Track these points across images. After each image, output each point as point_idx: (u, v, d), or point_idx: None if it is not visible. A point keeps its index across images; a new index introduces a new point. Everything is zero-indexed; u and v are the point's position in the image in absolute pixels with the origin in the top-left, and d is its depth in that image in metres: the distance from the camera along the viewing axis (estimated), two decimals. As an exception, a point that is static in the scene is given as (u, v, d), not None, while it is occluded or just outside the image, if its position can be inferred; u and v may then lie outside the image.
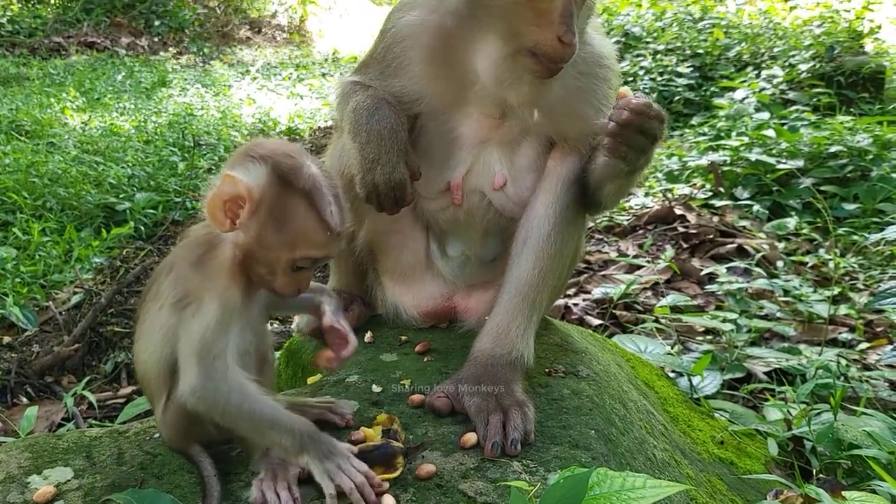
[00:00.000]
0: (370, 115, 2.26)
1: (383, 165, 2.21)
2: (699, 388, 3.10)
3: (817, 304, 4.16)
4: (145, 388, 1.87)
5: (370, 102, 2.28)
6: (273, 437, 1.68)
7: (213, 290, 1.69)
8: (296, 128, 9.71)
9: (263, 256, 1.72)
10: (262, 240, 1.69)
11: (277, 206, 1.67)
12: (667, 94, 9.60)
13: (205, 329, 1.66)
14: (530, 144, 2.37)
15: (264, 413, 1.67)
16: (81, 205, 6.11)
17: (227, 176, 1.65)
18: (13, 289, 4.64)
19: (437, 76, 2.31)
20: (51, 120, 8.67)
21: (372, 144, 2.23)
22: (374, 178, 2.22)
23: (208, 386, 1.65)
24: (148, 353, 1.77)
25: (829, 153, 6.32)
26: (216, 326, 1.66)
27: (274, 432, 1.68)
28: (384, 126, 2.24)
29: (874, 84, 9.07)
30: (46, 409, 3.59)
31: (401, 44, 2.35)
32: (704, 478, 2.29)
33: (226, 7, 16.90)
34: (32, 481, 1.79)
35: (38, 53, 13.43)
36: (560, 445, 1.90)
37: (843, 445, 2.53)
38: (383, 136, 2.23)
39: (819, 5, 11.70)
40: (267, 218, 1.67)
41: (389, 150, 2.22)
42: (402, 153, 2.24)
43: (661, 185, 6.65)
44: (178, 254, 1.80)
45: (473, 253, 2.51)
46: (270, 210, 1.67)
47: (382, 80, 2.39)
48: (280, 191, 1.67)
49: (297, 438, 1.67)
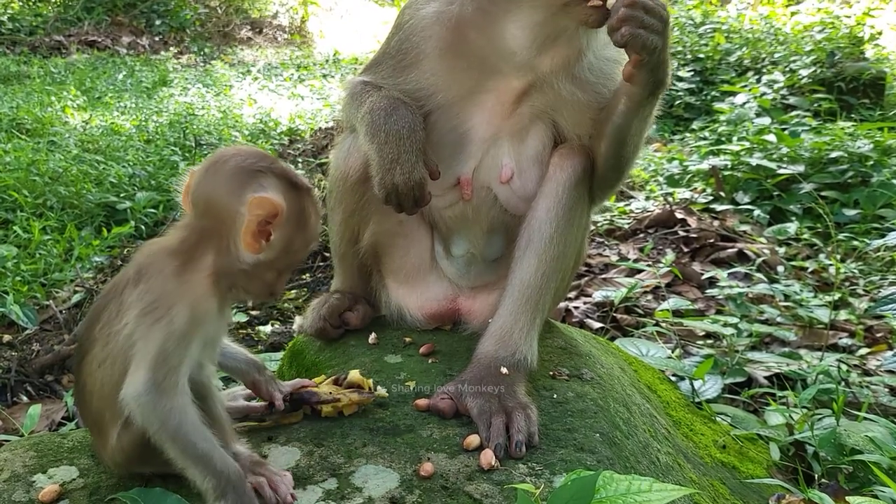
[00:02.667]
0: (388, 115, 2.26)
1: (402, 165, 2.22)
2: (700, 392, 3.10)
3: (818, 309, 4.16)
4: (99, 412, 1.69)
5: (387, 103, 2.29)
6: (196, 472, 1.57)
7: (187, 299, 1.61)
8: (297, 128, 9.71)
9: (281, 263, 1.70)
10: (287, 247, 1.68)
11: (298, 211, 1.67)
12: (668, 99, 9.60)
13: (167, 337, 1.57)
14: (537, 135, 2.39)
15: (196, 446, 1.57)
16: (82, 203, 6.11)
17: (255, 199, 1.60)
18: (13, 287, 4.64)
19: (454, 68, 2.32)
20: (51, 118, 8.66)
21: (391, 145, 2.23)
22: (393, 179, 2.23)
23: (152, 398, 1.55)
24: (114, 371, 1.63)
25: (829, 158, 6.33)
26: (179, 337, 1.58)
27: (199, 468, 1.57)
28: (402, 126, 2.24)
29: (875, 90, 9.09)
30: (47, 408, 3.58)
31: (418, 35, 2.35)
32: (707, 482, 2.29)
33: (227, 7, 16.91)
34: (37, 480, 1.79)
35: (39, 52, 13.43)
36: (565, 448, 1.90)
37: (845, 450, 2.53)
38: (402, 135, 2.23)
39: (820, 11, 11.74)
40: (293, 225, 1.67)
41: (409, 150, 2.23)
42: (421, 153, 2.25)
43: (662, 189, 6.65)
44: (148, 265, 1.66)
45: (478, 251, 2.52)
46: (294, 217, 1.66)
47: (395, 76, 2.39)
48: (294, 195, 1.67)
49: (220, 483, 1.57)
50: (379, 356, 2.39)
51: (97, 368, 1.66)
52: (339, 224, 2.60)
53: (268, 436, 1.95)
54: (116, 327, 1.63)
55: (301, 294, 5.10)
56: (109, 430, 1.68)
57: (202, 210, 1.68)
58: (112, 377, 1.63)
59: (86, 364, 1.69)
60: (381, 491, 1.73)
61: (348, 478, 1.78)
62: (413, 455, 1.86)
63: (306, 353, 2.64)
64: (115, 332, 1.63)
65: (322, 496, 1.72)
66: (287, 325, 4.56)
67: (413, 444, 1.91)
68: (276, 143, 8.99)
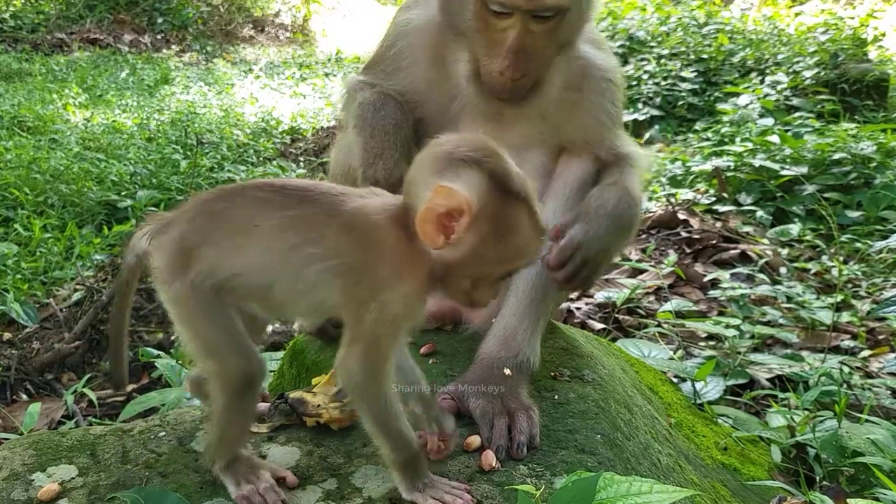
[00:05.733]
0: (376, 110, 2.29)
1: (385, 161, 2.23)
2: (702, 394, 3.09)
3: (820, 311, 4.16)
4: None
5: (376, 98, 2.31)
6: (387, 445, 1.63)
7: (403, 287, 1.52)
8: (298, 127, 9.71)
9: (472, 270, 1.54)
10: (478, 254, 1.50)
11: (498, 217, 1.48)
12: (670, 99, 9.60)
13: (380, 324, 1.52)
14: (537, 151, 2.37)
15: (392, 425, 1.62)
16: (83, 202, 6.11)
17: (440, 187, 1.43)
18: (14, 285, 4.64)
19: (438, 77, 2.33)
20: (53, 116, 8.67)
21: (376, 139, 2.25)
22: (375, 173, 2.24)
23: (365, 380, 1.57)
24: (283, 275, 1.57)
25: (832, 160, 6.32)
26: (392, 326, 1.54)
27: (391, 443, 1.62)
28: (388, 122, 2.26)
29: (878, 91, 9.07)
30: (46, 407, 3.58)
31: (403, 40, 2.37)
32: (708, 484, 2.28)
33: (229, 5, 16.91)
34: (36, 479, 1.78)
35: (41, 49, 13.45)
36: (566, 450, 1.89)
37: (847, 453, 2.52)
38: (387, 131, 2.25)
39: (824, 12, 11.73)
40: (487, 231, 1.48)
41: (392, 146, 2.24)
42: (405, 150, 2.26)
43: (665, 190, 6.65)
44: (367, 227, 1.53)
45: None
46: (491, 222, 1.47)
47: (387, 79, 2.40)
48: (499, 199, 1.48)
49: (406, 456, 1.64)
50: (380, 356, 2.38)
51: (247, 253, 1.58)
52: None
53: (268, 436, 1.94)
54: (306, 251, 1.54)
55: (302, 293, 5.09)
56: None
57: (405, 188, 1.57)
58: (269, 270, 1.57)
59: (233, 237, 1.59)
60: (380, 491, 1.73)
61: (348, 478, 1.78)
62: (413, 456, 1.85)
63: (307, 352, 2.63)
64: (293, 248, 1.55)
65: (322, 496, 1.71)
66: (288, 325, 4.56)
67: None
68: (277, 142, 8.99)
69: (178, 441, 1.93)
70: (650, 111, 9.40)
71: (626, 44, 11.18)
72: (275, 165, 7.92)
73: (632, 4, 12.50)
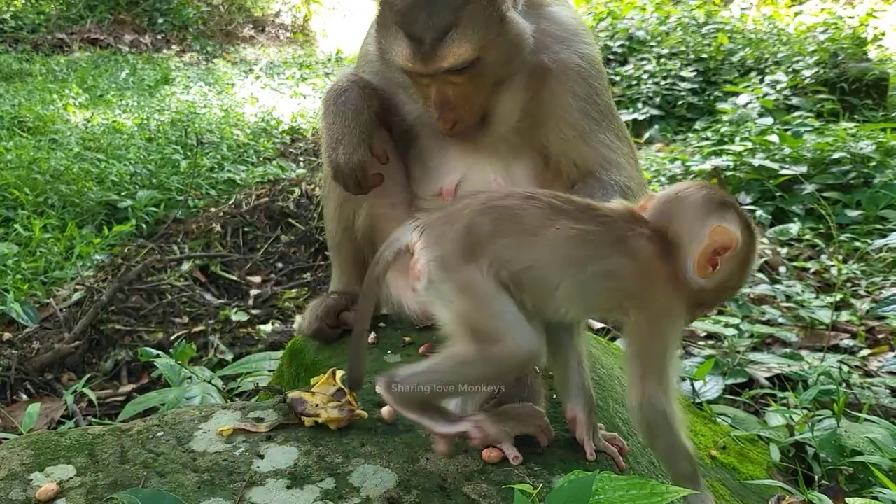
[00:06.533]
0: (338, 96, 2.33)
1: (345, 146, 2.27)
2: (701, 393, 3.09)
3: (819, 310, 4.16)
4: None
5: (342, 85, 2.36)
6: (679, 464, 1.76)
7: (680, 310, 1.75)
8: (298, 127, 9.72)
9: (712, 296, 1.80)
10: (724, 281, 1.76)
11: (745, 252, 1.75)
12: (670, 99, 9.60)
13: (670, 351, 1.73)
14: (523, 158, 2.39)
15: (685, 443, 1.75)
16: (83, 202, 6.12)
17: (719, 227, 1.69)
18: (14, 285, 4.64)
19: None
20: (53, 116, 8.68)
21: (337, 125, 2.30)
22: (336, 158, 2.28)
23: (670, 410, 1.71)
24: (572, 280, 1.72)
25: (832, 159, 6.32)
26: (675, 348, 1.75)
27: (683, 462, 1.75)
28: (349, 107, 2.30)
29: (878, 91, 9.07)
30: (46, 407, 3.59)
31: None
32: (707, 483, 2.28)
33: (229, 5, 16.92)
34: (35, 478, 1.78)
35: (41, 50, 13.46)
36: (564, 449, 1.90)
37: (846, 452, 2.53)
38: (347, 116, 2.29)
39: (823, 11, 11.73)
40: (737, 263, 1.74)
41: (352, 131, 2.28)
42: (365, 135, 2.29)
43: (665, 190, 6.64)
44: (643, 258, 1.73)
45: None
46: (740, 256, 1.73)
47: (373, 77, 2.45)
48: (747, 236, 1.74)
49: (695, 473, 1.76)
50: (378, 356, 2.38)
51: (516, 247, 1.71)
52: (333, 210, 2.62)
53: (266, 435, 1.94)
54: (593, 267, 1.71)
55: (302, 293, 5.10)
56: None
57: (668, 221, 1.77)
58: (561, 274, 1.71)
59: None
60: (378, 491, 1.73)
61: (346, 477, 1.78)
62: (411, 455, 1.85)
63: (306, 352, 2.64)
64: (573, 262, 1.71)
65: (320, 496, 1.71)
66: (287, 325, 4.57)
67: (411, 444, 1.90)
68: (277, 142, 8.99)
69: (177, 441, 1.93)
70: (650, 111, 9.41)
71: (625, 43, 11.18)
72: (275, 165, 7.92)
73: (632, 4, 12.51)
